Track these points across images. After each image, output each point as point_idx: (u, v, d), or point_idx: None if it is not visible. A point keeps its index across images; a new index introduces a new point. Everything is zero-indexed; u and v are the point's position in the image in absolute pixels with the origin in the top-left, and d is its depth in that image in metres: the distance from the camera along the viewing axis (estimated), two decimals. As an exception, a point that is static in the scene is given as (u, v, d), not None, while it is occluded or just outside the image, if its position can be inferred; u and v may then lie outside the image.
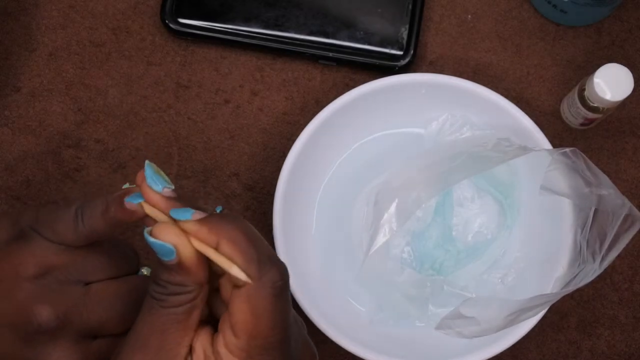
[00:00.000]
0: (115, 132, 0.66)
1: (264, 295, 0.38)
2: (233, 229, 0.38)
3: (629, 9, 0.67)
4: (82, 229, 0.43)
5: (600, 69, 0.59)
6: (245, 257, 0.38)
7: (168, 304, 0.39)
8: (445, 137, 0.63)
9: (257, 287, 0.38)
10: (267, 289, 0.38)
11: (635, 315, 0.65)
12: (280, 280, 0.38)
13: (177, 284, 0.39)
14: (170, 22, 0.66)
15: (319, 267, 0.63)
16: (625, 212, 0.52)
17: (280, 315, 0.38)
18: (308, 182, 0.63)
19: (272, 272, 0.38)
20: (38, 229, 0.43)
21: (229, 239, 0.38)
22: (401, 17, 0.66)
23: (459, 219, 0.63)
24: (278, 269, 0.38)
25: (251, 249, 0.38)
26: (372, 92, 0.62)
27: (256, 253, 0.38)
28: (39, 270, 0.43)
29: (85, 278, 0.44)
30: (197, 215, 0.39)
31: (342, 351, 0.60)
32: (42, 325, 0.42)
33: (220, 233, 0.38)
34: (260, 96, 0.67)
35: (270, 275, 0.38)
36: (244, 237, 0.38)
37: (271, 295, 0.38)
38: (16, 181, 0.66)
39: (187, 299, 0.39)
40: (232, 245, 0.38)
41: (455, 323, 0.53)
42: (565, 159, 0.55)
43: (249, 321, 0.38)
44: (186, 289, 0.39)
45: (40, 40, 0.67)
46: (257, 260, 0.38)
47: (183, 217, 0.39)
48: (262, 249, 0.38)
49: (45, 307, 0.42)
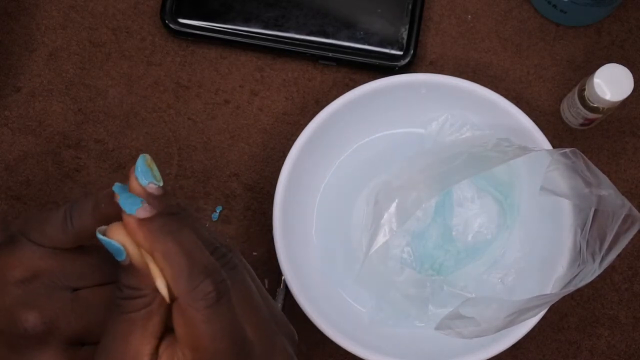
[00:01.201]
0: (115, 132, 0.66)
1: (195, 307, 0.37)
2: (168, 241, 0.38)
3: (629, 9, 0.67)
4: (72, 228, 0.42)
5: (600, 69, 0.59)
6: (174, 272, 0.37)
7: (124, 309, 0.39)
8: (445, 137, 0.63)
9: (187, 300, 0.37)
10: (198, 302, 0.37)
11: (635, 315, 0.65)
12: (213, 291, 0.37)
13: (132, 287, 0.39)
14: (170, 22, 0.66)
15: (319, 267, 0.63)
16: (625, 213, 0.52)
17: (219, 325, 0.37)
18: (308, 182, 0.63)
19: (204, 283, 0.37)
20: (26, 233, 0.42)
21: (160, 251, 0.38)
22: (401, 17, 0.66)
23: (459, 219, 0.63)
24: (212, 280, 0.37)
25: (183, 264, 0.37)
26: (372, 92, 0.62)
27: (187, 267, 0.37)
28: (26, 274, 0.42)
29: (73, 284, 0.43)
30: (142, 212, 0.38)
31: (342, 351, 0.60)
32: (29, 331, 0.41)
33: (154, 244, 0.38)
34: (260, 96, 0.67)
35: (203, 286, 0.37)
36: (177, 251, 0.38)
37: (203, 307, 0.37)
38: (16, 181, 0.66)
39: (143, 303, 0.39)
40: (162, 258, 0.38)
41: (455, 323, 0.53)
42: (565, 159, 0.55)
43: (186, 334, 0.38)
44: (141, 292, 0.39)
45: (40, 40, 0.67)
46: (188, 274, 0.37)
47: (128, 209, 0.38)
48: (195, 261, 0.38)
49: (32, 312, 0.41)
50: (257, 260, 0.65)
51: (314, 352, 0.64)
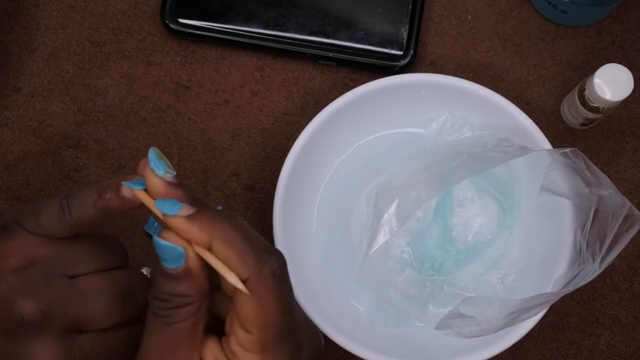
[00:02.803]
0: (115, 132, 0.66)
1: (266, 285, 0.37)
2: (225, 227, 0.38)
3: (629, 9, 0.67)
4: (70, 218, 0.42)
5: (600, 69, 0.59)
6: (240, 255, 0.37)
7: (173, 319, 0.38)
8: (445, 137, 0.63)
9: (258, 279, 0.37)
10: (268, 279, 0.37)
11: (635, 315, 0.65)
12: (279, 268, 0.38)
13: (181, 295, 0.38)
14: (170, 22, 0.66)
15: (319, 267, 0.63)
16: (625, 212, 0.52)
17: (285, 301, 0.38)
18: (308, 182, 0.63)
19: (270, 261, 0.38)
20: (21, 222, 0.42)
21: (221, 239, 0.38)
22: (401, 17, 0.66)
23: (459, 219, 0.63)
24: (276, 257, 0.38)
25: (245, 245, 0.38)
26: (372, 92, 0.62)
27: (251, 247, 0.38)
28: (22, 263, 0.42)
29: (70, 271, 0.42)
30: (185, 210, 0.38)
31: (342, 351, 0.60)
32: (25, 319, 0.41)
33: (213, 232, 0.38)
34: (260, 96, 0.67)
35: (269, 264, 0.38)
36: (236, 234, 0.38)
37: (273, 283, 0.37)
38: (16, 181, 0.66)
39: (193, 311, 0.38)
40: (226, 245, 0.38)
41: (455, 323, 0.53)
42: (565, 159, 0.55)
43: (257, 313, 0.37)
44: (190, 299, 0.38)
45: (40, 40, 0.67)
46: (253, 254, 0.37)
47: (169, 211, 0.38)
48: (256, 242, 0.38)
49: (29, 300, 0.41)
50: (257, 260, 0.65)
51: (314, 352, 0.64)
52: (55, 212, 0.42)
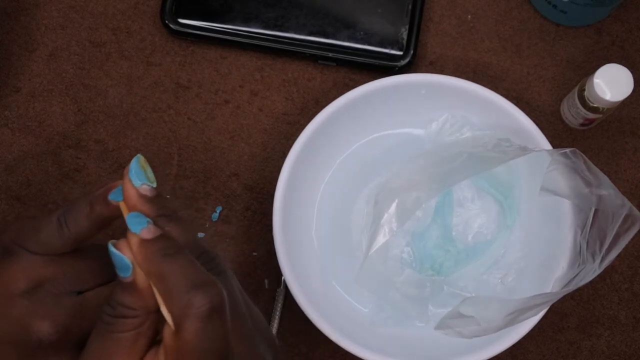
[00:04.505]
0: (115, 132, 0.66)
1: (189, 322, 0.37)
2: (164, 264, 0.38)
3: (629, 9, 0.67)
4: (68, 234, 0.43)
5: (600, 69, 0.59)
6: (167, 291, 0.38)
7: (114, 328, 0.39)
8: (445, 137, 0.63)
9: (182, 315, 0.37)
10: (191, 317, 0.37)
11: (635, 315, 0.65)
12: (205, 305, 0.37)
13: (127, 307, 0.39)
14: (170, 22, 0.66)
15: (319, 267, 0.63)
16: (625, 213, 0.52)
17: (209, 341, 0.38)
18: (308, 183, 0.63)
19: (197, 298, 0.37)
20: (22, 244, 0.43)
21: (154, 274, 0.38)
22: (401, 17, 0.66)
23: (459, 220, 0.63)
24: (205, 295, 0.37)
25: (177, 281, 0.38)
26: (372, 92, 0.62)
27: (183, 283, 0.38)
28: (30, 284, 0.42)
29: (77, 287, 0.43)
30: (146, 233, 0.39)
31: (342, 351, 0.60)
32: (43, 340, 0.42)
33: (150, 265, 0.38)
34: (260, 96, 0.67)
35: (196, 301, 0.37)
36: (172, 270, 0.38)
37: (196, 322, 0.37)
38: (16, 181, 0.66)
39: (133, 325, 0.39)
40: (158, 281, 0.38)
41: (455, 323, 0.53)
42: (565, 160, 0.55)
43: (174, 347, 0.38)
44: (134, 312, 0.39)
45: (40, 40, 0.67)
46: (181, 291, 0.37)
47: (133, 228, 0.39)
48: (189, 279, 0.38)
49: (44, 321, 0.42)
50: (257, 260, 0.65)
51: (314, 352, 0.64)
52: (54, 230, 0.43)
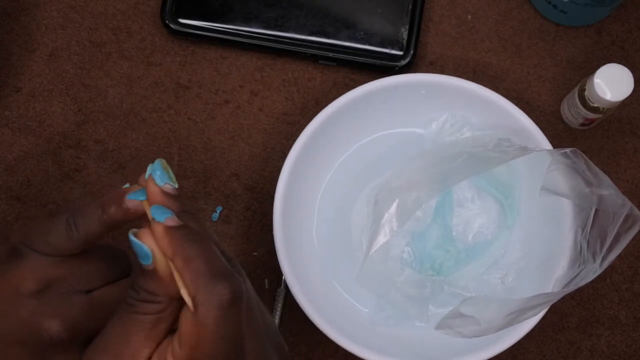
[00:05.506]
0: (115, 132, 0.66)
1: (209, 307, 0.38)
2: (190, 247, 0.39)
3: (629, 9, 0.67)
4: (78, 236, 0.43)
5: (600, 69, 0.59)
6: (193, 274, 0.38)
7: (137, 310, 0.40)
8: (445, 137, 0.63)
9: (203, 299, 0.38)
10: (212, 302, 0.38)
11: (635, 315, 0.65)
12: (228, 294, 0.38)
13: (149, 292, 0.40)
14: (170, 22, 0.66)
15: (319, 267, 0.63)
16: (625, 212, 0.52)
17: (226, 329, 0.38)
18: (308, 183, 0.63)
19: (220, 286, 0.38)
20: (31, 245, 0.43)
21: (182, 256, 0.39)
22: (401, 17, 0.66)
23: (459, 219, 0.63)
24: (228, 284, 0.38)
25: (202, 266, 0.39)
26: (372, 92, 0.62)
27: (207, 269, 0.38)
28: (39, 285, 0.43)
29: (85, 286, 0.44)
30: (170, 221, 0.40)
31: (342, 351, 0.60)
32: (54, 339, 0.42)
33: (177, 248, 0.39)
34: (260, 96, 0.67)
35: (219, 289, 0.38)
36: (198, 255, 0.39)
37: (217, 308, 0.38)
38: (16, 181, 0.66)
39: (155, 309, 0.40)
40: (183, 262, 0.39)
41: (455, 323, 0.53)
42: (565, 159, 0.55)
43: (192, 332, 0.38)
44: (157, 298, 0.40)
45: (40, 40, 0.67)
46: (206, 275, 0.38)
47: (157, 217, 0.40)
48: (215, 267, 0.39)
49: (54, 321, 0.43)
50: (257, 260, 0.65)
51: (314, 352, 0.64)
52: (63, 232, 0.43)
